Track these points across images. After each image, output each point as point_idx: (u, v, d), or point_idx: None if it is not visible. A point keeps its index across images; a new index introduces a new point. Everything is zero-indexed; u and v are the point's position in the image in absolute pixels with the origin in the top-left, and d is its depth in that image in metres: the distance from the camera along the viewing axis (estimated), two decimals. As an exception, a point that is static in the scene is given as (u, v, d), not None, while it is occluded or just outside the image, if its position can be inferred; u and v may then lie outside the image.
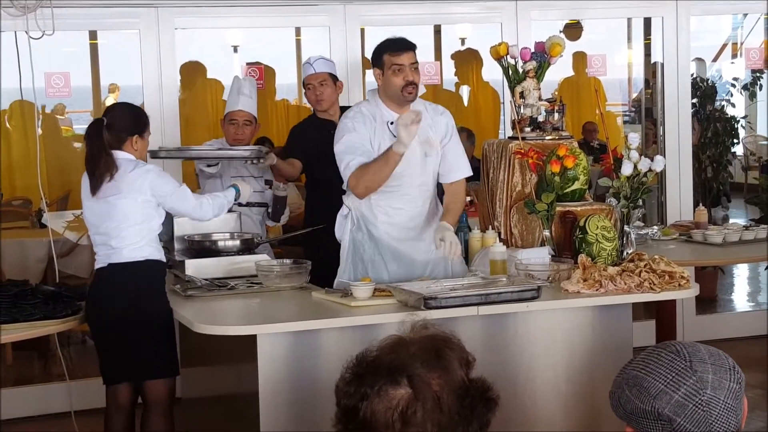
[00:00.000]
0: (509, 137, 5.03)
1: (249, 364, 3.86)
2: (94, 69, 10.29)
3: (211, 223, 4.74)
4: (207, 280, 4.51)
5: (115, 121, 4.45)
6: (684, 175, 7.34)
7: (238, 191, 4.80)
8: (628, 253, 4.57)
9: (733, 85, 10.24)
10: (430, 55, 10.14)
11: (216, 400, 4.57)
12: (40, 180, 5.90)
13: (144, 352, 4.37)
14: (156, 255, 4.42)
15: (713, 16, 9.79)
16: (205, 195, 4.71)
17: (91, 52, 10.13)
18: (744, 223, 6.93)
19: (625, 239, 4.68)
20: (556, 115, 4.90)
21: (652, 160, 4.74)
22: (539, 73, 4.90)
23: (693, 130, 7.77)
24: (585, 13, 7.78)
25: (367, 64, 5.93)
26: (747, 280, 9.59)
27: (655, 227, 6.11)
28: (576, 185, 4.69)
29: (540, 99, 4.90)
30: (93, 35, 9.92)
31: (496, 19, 6.96)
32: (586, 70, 8.01)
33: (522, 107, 4.90)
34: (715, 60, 12.79)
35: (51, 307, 4.42)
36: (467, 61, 10.16)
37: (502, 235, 4.74)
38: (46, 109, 10.33)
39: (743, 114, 10.40)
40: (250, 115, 5.55)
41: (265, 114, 8.98)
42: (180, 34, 6.47)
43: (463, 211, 5.01)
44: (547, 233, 4.59)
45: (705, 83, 9.70)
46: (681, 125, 7.34)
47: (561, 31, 9.01)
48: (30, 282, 4.83)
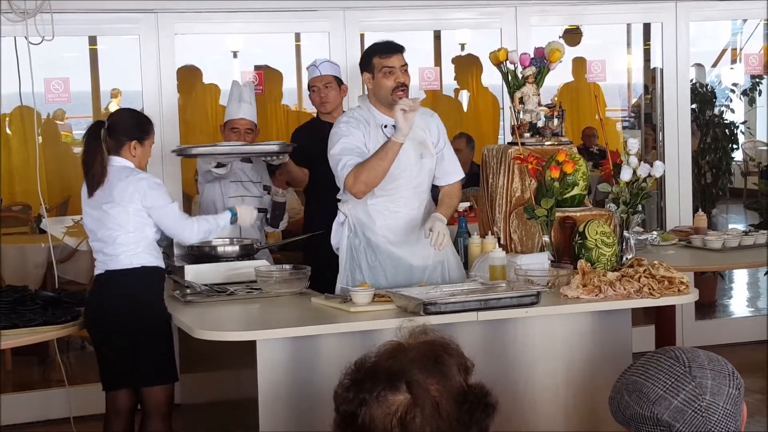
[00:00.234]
0: (509, 143, 5.03)
1: (248, 369, 3.85)
2: (93, 74, 10.28)
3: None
4: (206, 285, 4.50)
5: (116, 124, 4.44)
6: (683, 180, 7.34)
7: (234, 215, 4.67)
8: (627, 258, 4.57)
9: (733, 91, 10.24)
10: (429, 61, 10.13)
11: (215, 405, 4.57)
12: (39, 185, 5.91)
13: (142, 359, 4.36)
14: (153, 261, 4.41)
15: (712, 22, 9.78)
16: (194, 217, 4.61)
17: (91, 57, 10.11)
18: (743, 229, 6.93)
19: (624, 245, 4.68)
20: (556, 121, 4.90)
21: (652, 166, 4.74)
22: (539, 79, 4.90)
23: (692, 136, 7.77)
24: (584, 19, 7.77)
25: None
26: (746, 285, 9.60)
27: (654, 233, 6.10)
28: (575, 191, 4.70)
29: (539, 104, 4.90)
30: (93, 41, 9.91)
31: (496, 24, 6.97)
32: (585, 76, 8.03)
33: (521, 113, 4.90)
34: (714, 65, 12.81)
35: (50, 312, 4.42)
36: (467, 66, 10.14)
37: (502, 241, 4.74)
38: (46, 115, 10.31)
39: (743, 119, 10.39)
40: (251, 122, 5.55)
41: (265, 117, 8.95)
42: (180, 40, 6.47)
43: (463, 216, 5.02)
44: (546, 239, 4.59)
45: (704, 89, 9.68)
46: (680, 131, 7.34)
47: (560, 37, 9.03)
48: (29, 288, 4.84)
